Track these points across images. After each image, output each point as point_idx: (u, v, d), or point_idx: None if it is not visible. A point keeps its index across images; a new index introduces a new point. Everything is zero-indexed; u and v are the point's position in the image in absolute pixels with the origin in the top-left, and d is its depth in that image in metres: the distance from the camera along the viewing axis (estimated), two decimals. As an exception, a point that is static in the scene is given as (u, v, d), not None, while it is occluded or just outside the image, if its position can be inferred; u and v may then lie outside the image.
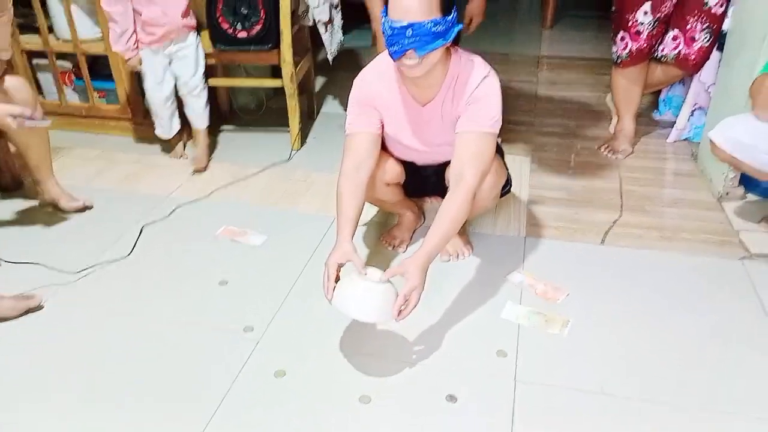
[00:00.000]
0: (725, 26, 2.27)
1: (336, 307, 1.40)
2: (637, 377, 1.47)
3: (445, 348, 1.56)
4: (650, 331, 1.61)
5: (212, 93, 2.82)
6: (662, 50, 2.37)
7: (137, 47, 2.28)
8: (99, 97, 2.76)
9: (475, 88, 1.53)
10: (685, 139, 2.61)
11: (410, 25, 1.38)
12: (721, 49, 2.31)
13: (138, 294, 1.78)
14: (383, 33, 1.44)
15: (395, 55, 1.45)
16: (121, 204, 2.23)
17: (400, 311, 1.38)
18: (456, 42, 1.58)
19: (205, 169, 2.47)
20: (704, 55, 2.34)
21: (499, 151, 1.81)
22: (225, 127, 2.85)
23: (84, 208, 2.18)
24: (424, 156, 1.74)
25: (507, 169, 1.85)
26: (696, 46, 2.31)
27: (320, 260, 1.54)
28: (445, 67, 1.54)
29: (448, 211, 1.47)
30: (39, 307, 1.71)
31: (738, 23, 2.16)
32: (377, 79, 1.62)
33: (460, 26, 1.47)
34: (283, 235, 2.04)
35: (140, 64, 2.31)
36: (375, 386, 1.45)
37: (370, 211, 2.11)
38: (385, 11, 1.43)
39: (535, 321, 1.64)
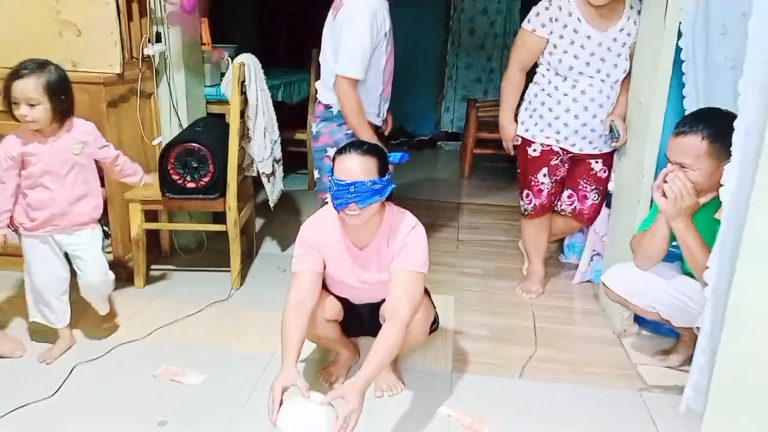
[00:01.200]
0: (610, 187, 2.71)
1: (280, 428, 1.51)
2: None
3: (381, 482, 1.65)
4: (565, 459, 1.77)
5: (155, 233, 2.97)
6: (560, 206, 2.77)
7: (8, 227, 2.08)
8: (41, 237, 2.82)
9: (407, 234, 1.81)
10: (588, 281, 2.96)
11: (353, 183, 1.69)
12: (609, 205, 2.74)
13: (73, 436, 1.78)
14: (329, 189, 1.73)
15: (339, 207, 1.74)
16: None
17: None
18: (389, 198, 1.87)
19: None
20: (596, 210, 2.76)
21: (426, 292, 2.04)
22: (166, 266, 2.95)
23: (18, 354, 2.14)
24: (361, 293, 1.95)
25: (434, 308, 2.06)
26: (588, 202, 2.74)
27: (260, 397, 1.65)
28: (380, 217, 1.83)
29: (384, 342, 1.66)
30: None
31: (619, 187, 2.60)
32: (322, 225, 1.88)
33: (393, 185, 1.78)
34: (223, 373, 2.11)
35: (4, 242, 2.06)
36: None
37: (308, 348, 2.23)
38: (331, 171, 1.74)
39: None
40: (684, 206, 1.86)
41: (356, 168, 1.70)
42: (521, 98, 2.69)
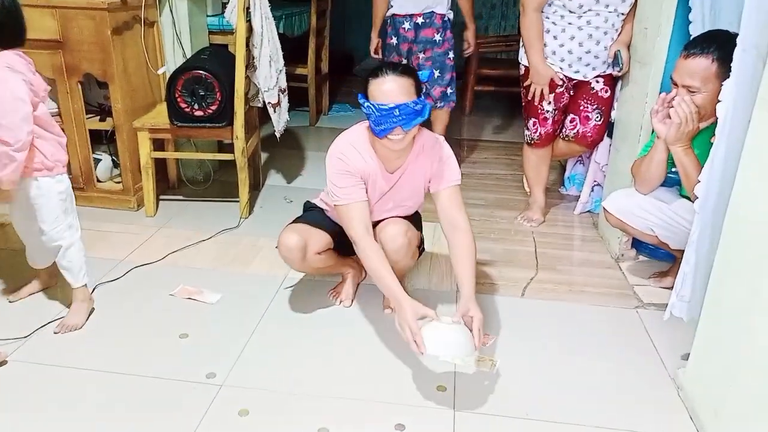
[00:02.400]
0: (613, 116, 2.75)
1: (432, 354, 1.59)
2: (555, 405, 1.72)
3: (393, 385, 1.76)
4: (564, 368, 1.88)
5: (162, 164, 3.00)
6: (564, 131, 2.80)
7: None
8: (50, 167, 2.85)
9: (439, 150, 1.87)
10: (588, 211, 3.03)
11: (397, 106, 1.67)
12: (610, 135, 2.78)
13: (97, 350, 1.86)
14: (368, 116, 1.73)
15: (382, 133, 1.71)
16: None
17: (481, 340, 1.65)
18: None
19: (74, 328, 1.95)
20: (598, 132, 2.76)
21: (417, 217, 2.12)
22: (174, 196, 3.00)
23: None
24: (388, 213, 1.98)
25: (420, 231, 2.12)
26: (591, 124, 2.74)
27: (275, 313, 1.76)
28: (413, 139, 1.83)
29: (464, 252, 1.79)
30: (3, 363, 1.76)
31: (621, 115, 2.63)
32: (355, 152, 1.86)
33: (430, 105, 1.79)
34: (237, 293, 2.20)
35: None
36: (332, 419, 1.62)
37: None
38: (364, 97, 1.72)
39: (468, 361, 1.86)
40: (687, 131, 1.90)
41: (397, 89, 1.67)
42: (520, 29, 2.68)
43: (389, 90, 1.68)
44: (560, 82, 2.63)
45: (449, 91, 3.30)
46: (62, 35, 2.55)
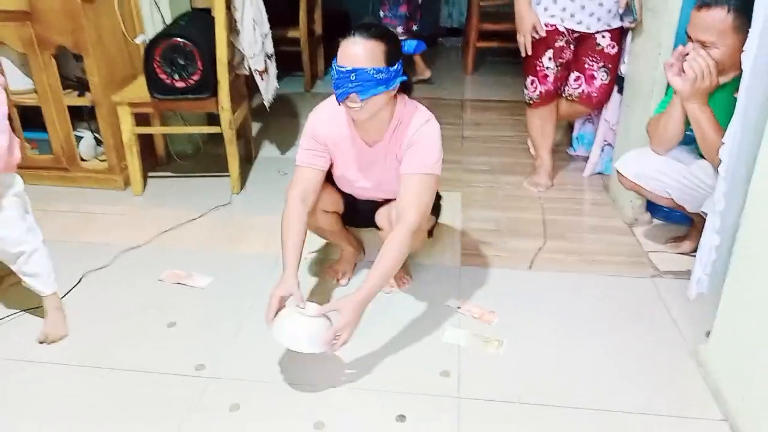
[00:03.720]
0: (622, 71, 2.56)
1: (273, 335, 1.52)
2: (566, 387, 1.61)
3: (393, 371, 1.65)
4: (574, 345, 1.77)
5: (149, 139, 2.86)
6: (567, 90, 2.62)
7: None
8: (31, 148, 2.72)
9: (416, 131, 1.65)
10: (598, 173, 2.87)
11: (354, 71, 1.51)
12: (621, 91, 2.60)
13: (80, 342, 1.77)
14: (332, 77, 1.57)
15: (340, 97, 1.57)
16: (61, 254, 2.19)
17: (333, 344, 1.50)
18: (407, 91, 1.72)
19: (60, 339, 1.80)
20: (605, 92, 2.59)
21: (436, 201, 1.93)
22: (163, 173, 2.87)
23: None
24: (367, 192, 1.85)
25: (437, 217, 1.97)
26: (596, 83, 2.56)
27: (266, 297, 1.62)
28: (390, 112, 1.66)
29: (389, 251, 1.58)
30: None
31: (632, 70, 2.45)
32: (329, 117, 1.73)
33: (404, 78, 1.61)
34: (229, 275, 2.09)
35: None
36: (328, 411, 1.52)
37: (314, 244, 2.19)
38: (336, 58, 1.56)
39: (473, 342, 1.76)
40: (703, 87, 1.74)
41: (360, 53, 1.52)
42: None
43: (350, 52, 1.53)
44: (543, 35, 2.43)
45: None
46: (30, 6, 2.37)
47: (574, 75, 2.59)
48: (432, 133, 1.68)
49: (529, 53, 2.48)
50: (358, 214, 1.96)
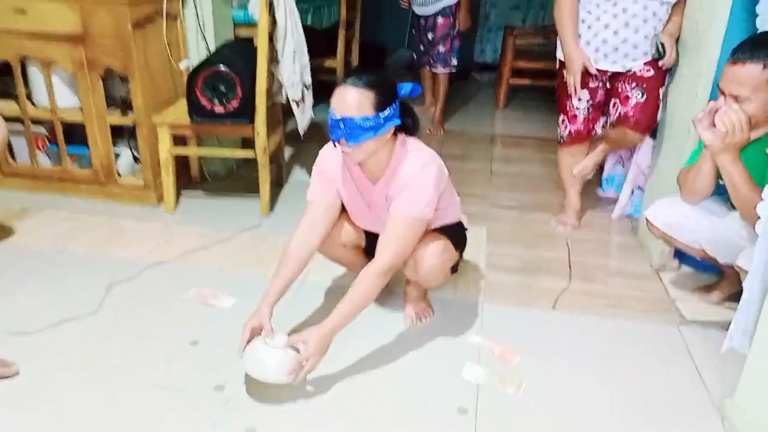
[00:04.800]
0: (658, 116, 2.55)
1: (243, 363, 1.60)
2: (587, 433, 1.59)
3: (410, 404, 1.65)
4: (596, 390, 1.74)
5: (184, 159, 2.94)
6: (609, 119, 2.57)
7: None
8: (71, 161, 2.83)
9: (409, 175, 1.67)
10: (627, 215, 2.85)
11: (342, 119, 1.58)
12: (654, 136, 2.59)
13: (106, 355, 1.80)
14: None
15: (334, 141, 1.65)
16: (90, 265, 2.27)
17: (297, 374, 1.55)
18: (410, 132, 1.75)
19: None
20: (642, 111, 2.43)
21: (461, 235, 1.96)
22: (195, 192, 2.94)
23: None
24: (378, 227, 1.86)
25: (461, 252, 1.97)
26: (631, 102, 2.45)
27: (289, 321, 1.66)
28: (389, 153, 1.70)
29: (358, 287, 1.62)
30: (14, 375, 1.70)
31: (667, 115, 2.44)
32: (336, 155, 1.78)
33: (397, 122, 1.64)
34: (254, 298, 2.07)
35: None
36: (343, 443, 1.52)
37: (338, 270, 2.21)
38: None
39: (492, 381, 1.75)
40: (735, 141, 1.72)
41: (348, 102, 1.57)
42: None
43: (339, 100, 1.59)
44: (594, 72, 2.43)
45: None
46: (83, 29, 2.49)
47: (612, 102, 2.54)
48: (426, 177, 1.67)
49: (577, 92, 2.47)
50: None
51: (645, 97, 2.43)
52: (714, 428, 1.61)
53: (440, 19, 3.75)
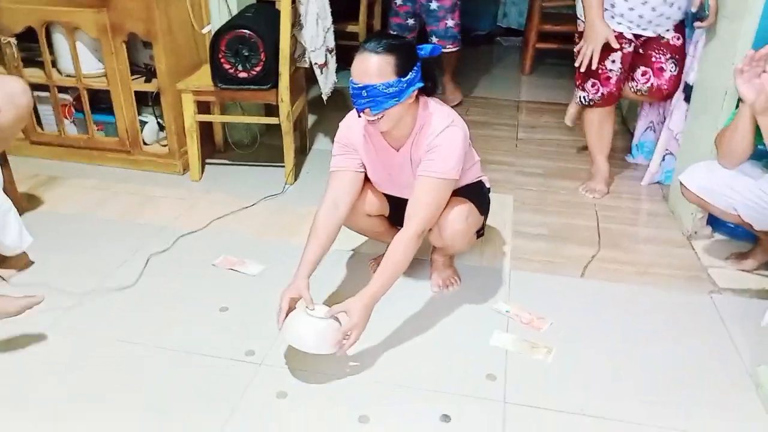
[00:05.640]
0: (691, 80, 2.47)
1: (283, 336, 1.58)
2: (615, 400, 1.57)
3: (439, 371, 1.65)
4: (626, 358, 1.72)
5: (209, 127, 2.94)
6: (636, 86, 2.55)
7: None
8: (97, 129, 2.84)
9: (436, 136, 1.64)
10: (657, 182, 2.79)
11: (365, 87, 1.54)
12: (688, 100, 2.51)
13: (139, 321, 1.83)
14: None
15: (357, 111, 1.61)
16: (122, 234, 2.29)
17: (342, 345, 1.54)
18: (430, 93, 1.71)
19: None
20: (674, 84, 2.51)
21: (483, 198, 1.93)
22: (220, 160, 2.94)
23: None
24: (402, 194, 1.84)
25: (486, 215, 1.95)
26: (666, 75, 2.48)
27: (317, 288, 1.66)
28: (413, 118, 1.67)
29: (392, 256, 1.61)
30: (41, 300, 1.66)
31: (702, 78, 2.36)
32: (357, 123, 1.75)
33: (420, 85, 1.60)
34: (280, 265, 2.12)
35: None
36: (373, 407, 1.53)
37: (358, 239, 2.20)
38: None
39: (521, 348, 1.74)
40: None
41: (369, 69, 1.53)
42: None
43: (359, 68, 1.55)
44: (617, 47, 2.36)
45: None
46: (106, -7, 2.47)
47: (640, 70, 2.52)
48: (452, 137, 1.65)
49: (594, 67, 2.41)
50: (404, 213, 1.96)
51: (677, 69, 2.47)
52: (748, 397, 1.59)
53: None
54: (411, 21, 3.43)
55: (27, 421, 1.47)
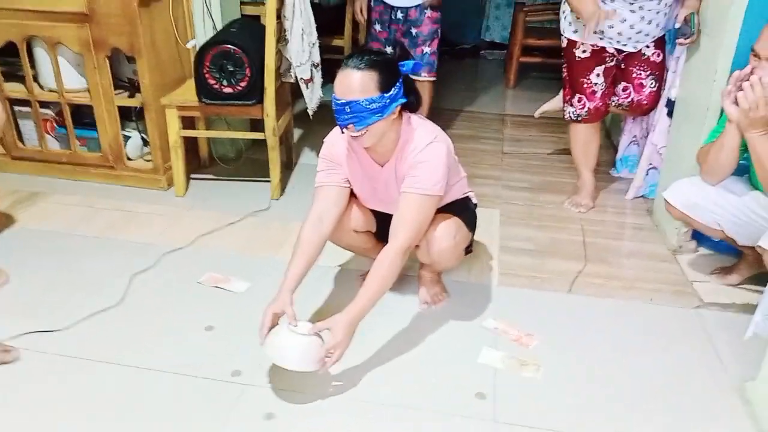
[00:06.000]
0: (673, 95, 2.50)
1: (265, 352, 1.55)
2: (604, 416, 1.57)
3: (427, 390, 1.64)
4: (615, 375, 1.72)
5: (193, 141, 2.91)
6: (616, 101, 2.61)
7: None
8: (80, 145, 2.80)
9: (419, 152, 1.64)
10: (642, 196, 2.81)
11: (348, 103, 1.53)
12: (670, 115, 2.54)
13: (123, 342, 1.80)
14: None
15: (341, 126, 1.60)
16: (106, 251, 2.25)
17: (324, 363, 1.52)
18: (413, 109, 1.71)
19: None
20: (654, 99, 2.56)
21: (471, 214, 1.93)
22: (205, 175, 2.92)
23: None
24: (387, 210, 1.83)
25: (473, 232, 1.95)
26: (646, 91, 2.54)
27: (304, 305, 1.64)
28: (396, 133, 1.66)
29: (376, 273, 1.59)
30: (14, 361, 1.69)
31: (685, 93, 2.39)
32: (341, 139, 1.74)
33: (403, 101, 1.60)
34: (266, 281, 2.09)
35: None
36: (362, 427, 1.51)
37: (344, 255, 2.19)
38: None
39: (510, 365, 1.73)
40: (758, 116, 1.69)
41: (352, 85, 1.52)
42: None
43: (342, 84, 1.54)
44: (603, 24, 2.32)
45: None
46: (89, 8, 2.44)
47: (621, 85, 2.58)
48: (436, 153, 1.65)
49: (586, 38, 2.36)
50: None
51: (656, 85, 2.53)
52: (735, 412, 1.60)
53: (428, 12, 2.96)
54: (389, 49, 3.13)
55: (5, 448, 1.43)
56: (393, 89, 1.57)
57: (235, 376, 1.67)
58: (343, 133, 1.63)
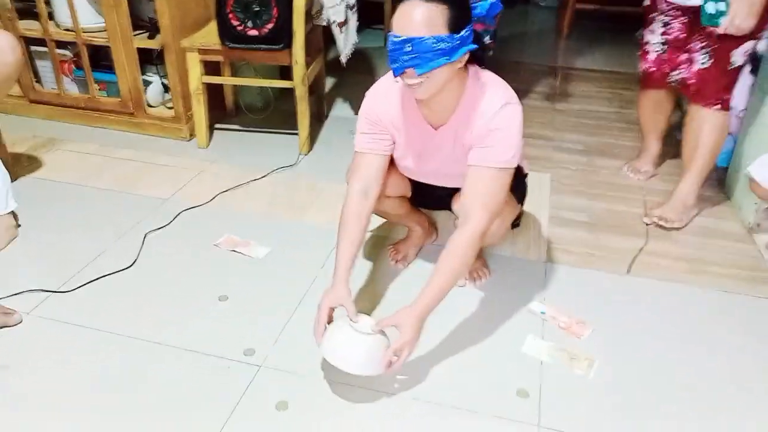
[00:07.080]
0: (761, 48, 2.15)
1: (322, 353, 1.33)
2: (665, 417, 1.36)
3: (462, 384, 1.44)
4: (680, 373, 1.49)
5: (219, 89, 2.70)
6: (676, 75, 2.14)
7: None
8: (99, 89, 2.62)
9: (494, 115, 1.37)
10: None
11: (410, 40, 1.24)
12: (755, 72, 2.19)
13: (132, 312, 1.64)
14: (388, 48, 1.30)
15: (395, 72, 1.30)
16: (120, 206, 2.10)
17: (391, 364, 1.31)
18: (481, 63, 1.44)
19: None
20: (703, 80, 2.04)
21: (521, 185, 1.69)
22: (230, 125, 2.72)
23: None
24: (430, 180, 1.61)
25: (522, 203, 1.72)
26: (694, 68, 2.04)
27: (328, 277, 1.44)
28: (460, 88, 1.39)
29: (449, 260, 1.35)
30: (15, 325, 1.56)
31: (777, 46, 2.04)
32: (387, 94, 1.47)
33: (473, 46, 1.31)
34: (288, 248, 1.92)
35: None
36: (384, 422, 1.34)
37: (376, 221, 1.98)
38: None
39: (558, 358, 1.52)
40: None
41: (417, 19, 1.23)
42: None
43: (406, 19, 1.25)
44: (671, 6, 2.01)
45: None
46: (104, -63, 2.22)
47: (684, 56, 2.10)
48: (513, 119, 1.38)
49: None
50: (430, 196, 1.72)
51: (711, 62, 2.00)
52: (824, 427, 1.36)
53: None
54: None
55: (8, 421, 1.31)
56: (464, 31, 1.28)
57: (248, 355, 1.50)
58: (396, 81, 1.36)
